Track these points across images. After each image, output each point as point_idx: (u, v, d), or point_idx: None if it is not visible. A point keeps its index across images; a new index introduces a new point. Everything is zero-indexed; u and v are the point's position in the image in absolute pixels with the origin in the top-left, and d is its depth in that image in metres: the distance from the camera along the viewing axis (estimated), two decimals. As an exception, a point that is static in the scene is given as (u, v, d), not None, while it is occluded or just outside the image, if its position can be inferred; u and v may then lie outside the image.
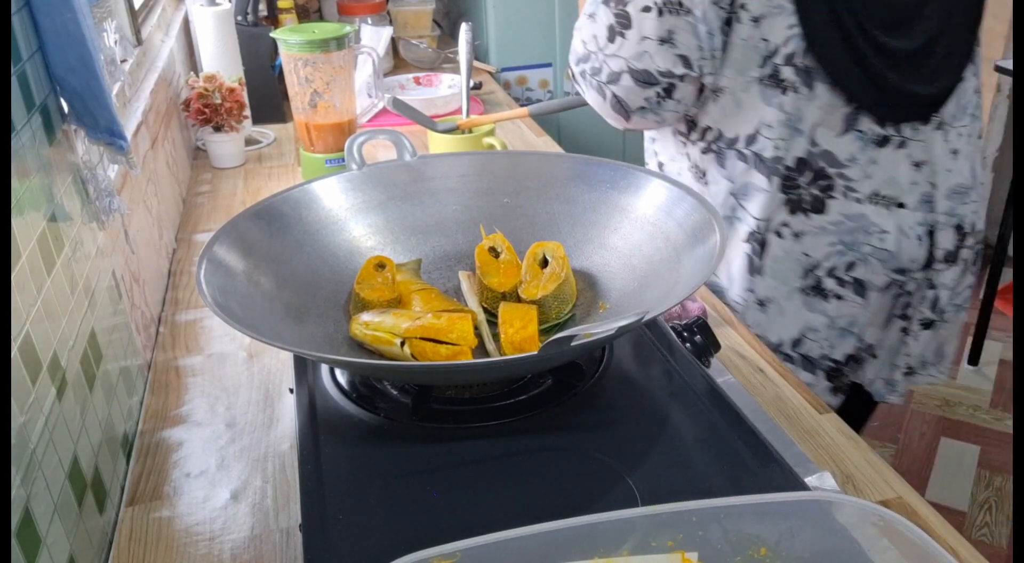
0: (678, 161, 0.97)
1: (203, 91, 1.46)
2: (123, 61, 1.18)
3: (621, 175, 0.85)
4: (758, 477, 0.60)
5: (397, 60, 2.10)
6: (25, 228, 0.63)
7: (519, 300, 0.79)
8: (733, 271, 0.96)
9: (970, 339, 2.39)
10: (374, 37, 1.86)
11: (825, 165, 0.89)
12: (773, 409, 0.83)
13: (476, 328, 0.76)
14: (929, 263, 0.95)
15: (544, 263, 0.80)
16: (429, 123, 1.29)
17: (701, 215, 0.76)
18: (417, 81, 1.86)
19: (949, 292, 0.98)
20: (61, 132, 0.77)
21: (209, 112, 1.46)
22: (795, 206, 0.90)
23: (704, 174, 0.94)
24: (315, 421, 0.68)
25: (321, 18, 2.10)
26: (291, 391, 0.78)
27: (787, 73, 0.85)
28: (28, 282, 0.62)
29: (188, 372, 0.94)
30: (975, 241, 0.97)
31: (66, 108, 0.79)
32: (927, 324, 0.98)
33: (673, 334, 0.78)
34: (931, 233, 0.93)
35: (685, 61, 0.85)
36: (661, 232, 0.79)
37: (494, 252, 0.83)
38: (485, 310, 0.80)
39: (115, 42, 0.98)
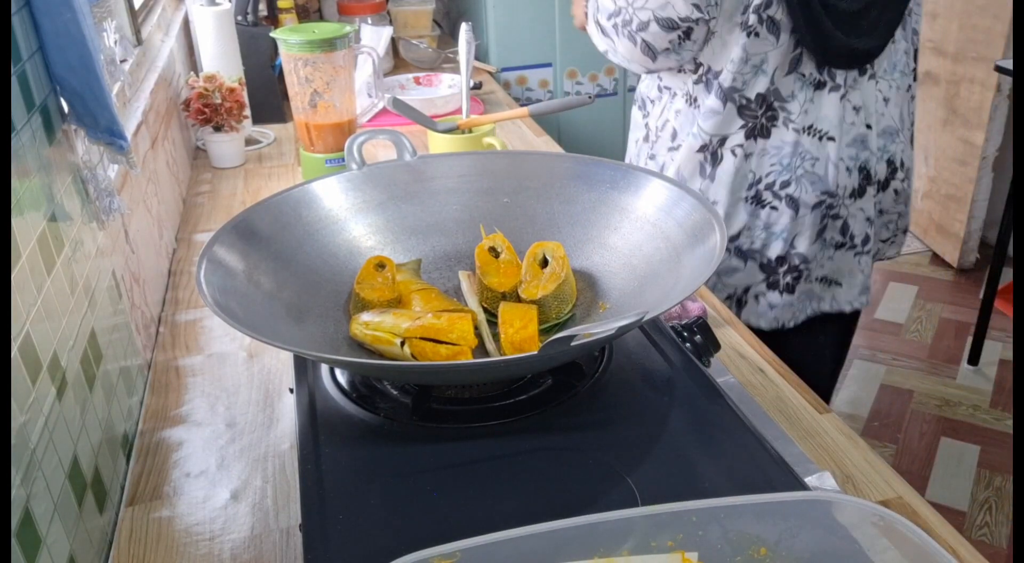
0: (679, 88, 1.17)
1: (203, 91, 1.46)
2: (123, 61, 1.18)
3: (621, 175, 0.85)
4: (758, 477, 0.60)
5: (397, 60, 2.10)
6: (25, 228, 0.63)
7: (519, 300, 0.79)
8: (690, 174, 1.17)
9: (970, 339, 2.39)
10: (374, 37, 1.86)
11: (774, 99, 1.10)
12: (773, 409, 0.83)
13: (476, 328, 0.76)
14: (863, 192, 1.15)
15: (544, 263, 0.80)
16: (429, 123, 1.29)
17: (701, 215, 0.76)
18: (417, 81, 1.86)
19: (881, 214, 1.20)
20: (61, 132, 0.77)
21: (209, 112, 1.46)
22: (750, 132, 1.11)
23: (694, 99, 1.14)
24: (315, 421, 0.68)
25: (321, 18, 2.10)
26: (291, 391, 0.78)
27: (753, 20, 1.05)
28: (28, 282, 0.62)
29: (188, 372, 0.94)
30: (903, 175, 1.20)
31: (66, 108, 0.79)
32: (865, 241, 1.19)
33: (673, 334, 0.78)
34: (863, 168, 1.14)
35: (698, 7, 1.03)
36: (661, 232, 0.79)
37: (494, 252, 0.83)
38: (485, 310, 0.80)
39: (115, 42, 0.98)
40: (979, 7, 2.58)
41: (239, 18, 1.65)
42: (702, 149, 1.14)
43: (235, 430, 0.84)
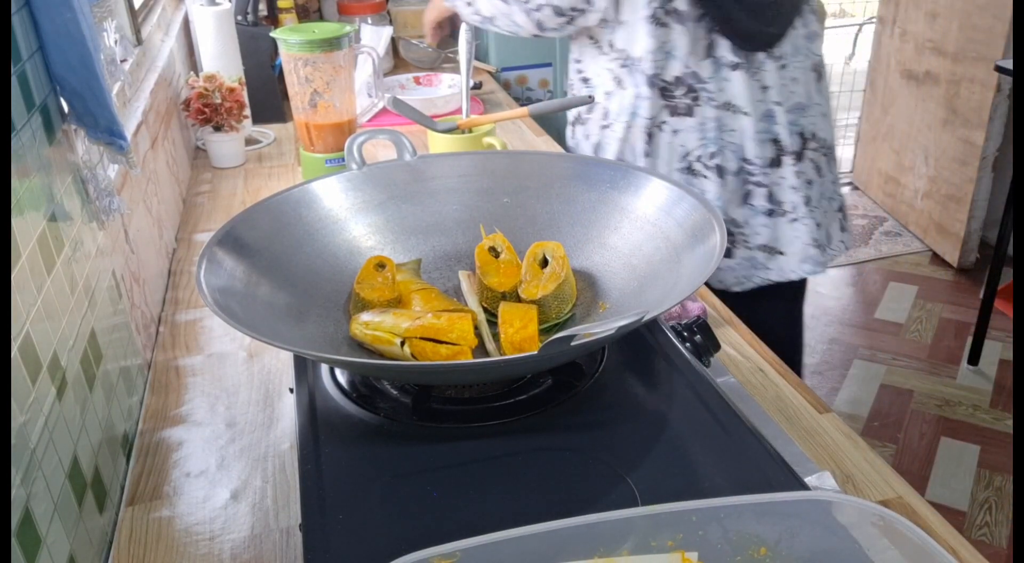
0: (601, 74, 1.32)
1: (203, 91, 1.46)
2: (123, 61, 1.18)
3: (621, 175, 0.85)
4: (758, 477, 0.60)
5: (397, 60, 2.10)
6: (25, 228, 0.63)
7: (519, 300, 0.79)
8: (637, 151, 1.30)
9: (970, 339, 2.39)
10: (374, 37, 1.86)
11: (694, 82, 1.23)
12: (773, 409, 0.83)
13: (476, 328, 0.76)
14: (778, 162, 1.28)
15: (544, 263, 0.80)
16: (429, 123, 1.29)
17: (701, 215, 0.76)
18: (417, 81, 1.86)
19: (809, 184, 1.31)
20: (61, 132, 0.77)
21: (209, 112, 1.46)
22: (674, 110, 1.26)
23: (621, 81, 1.28)
24: (315, 421, 0.68)
25: (321, 18, 2.10)
26: (291, 391, 0.78)
27: (659, 12, 1.19)
28: (28, 282, 0.62)
29: (188, 372, 0.94)
30: (817, 145, 1.32)
31: (66, 108, 0.79)
32: (808, 201, 1.31)
33: (673, 334, 0.78)
34: (775, 140, 1.27)
35: (586, 1, 1.20)
36: (661, 232, 0.79)
37: (494, 252, 0.83)
38: (485, 310, 0.80)
39: (115, 42, 0.98)
40: (979, 7, 2.58)
41: (239, 18, 1.65)
42: (643, 130, 1.29)
43: (235, 430, 0.84)
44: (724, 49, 1.22)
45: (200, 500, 0.76)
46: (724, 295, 1.27)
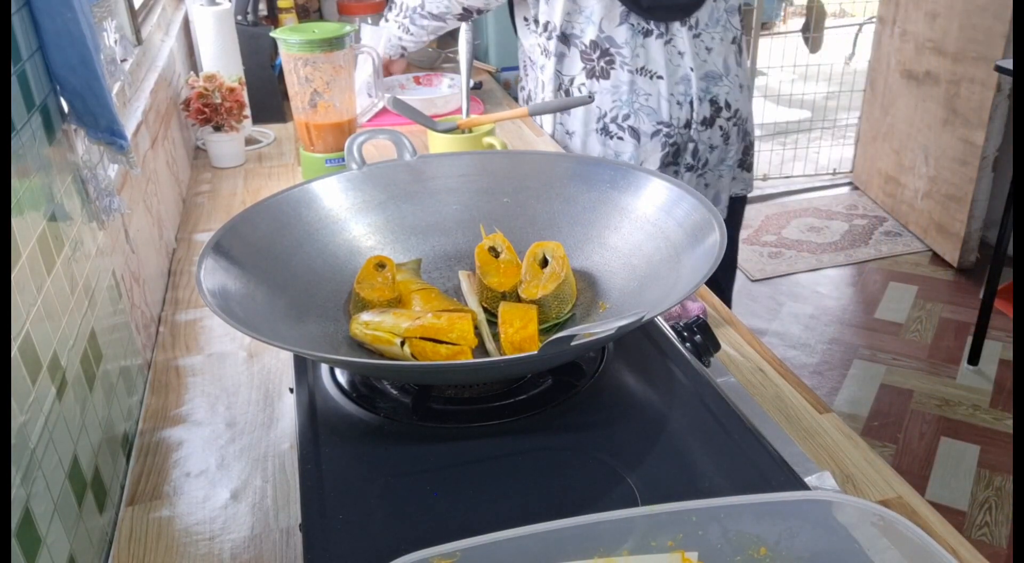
0: (534, 51, 1.46)
1: (203, 91, 1.46)
2: (123, 61, 1.18)
3: (621, 175, 0.85)
4: (758, 477, 0.60)
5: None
6: (25, 228, 0.63)
7: (519, 300, 0.79)
8: (557, 113, 1.46)
9: (970, 339, 2.39)
10: (374, 37, 1.86)
11: (609, 46, 1.35)
12: (773, 409, 0.83)
13: (476, 328, 0.76)
14: (689, 124, 1.40)
15: (544, 263, 0.80)
16: (429, 123, 1.29)
17: (701, 215, 0.76)
18: (417, 81, 1.86)
19: (712, 149, 1.43)
20: (61, 132, 0.77)
21: (209, 112, 1.46)
22: (591, 73, 1.38)
23: (547, 51, 1.43)
24: (315, 421, 0.68)
25: (321, 18, 2.10)
26: (291, 391, 0.78)
27: None
28: (28, 282, 0.62)
29: (188, 372, 0.94)
30: (730, 115, 1.42)
31: (66, 108, 0.79)
32: (689, 167, 1.44)
33: (673, 334, 0.78)
34: (691, 102, 1.38)
35: None
36: (661, 232, 0.79)
37: (494, 252, 0.83)
38: (485, 310, 0.80)
39: (115, 42, 0.98)
40: (979, 7, 2.58)
41: (239, 18, 1.65)
42: (559, 88, 1.41)
43: (235, 430, 0.84)
44: (637, 16, 1.32)
45: (200, 500, 0.76)
46: None
